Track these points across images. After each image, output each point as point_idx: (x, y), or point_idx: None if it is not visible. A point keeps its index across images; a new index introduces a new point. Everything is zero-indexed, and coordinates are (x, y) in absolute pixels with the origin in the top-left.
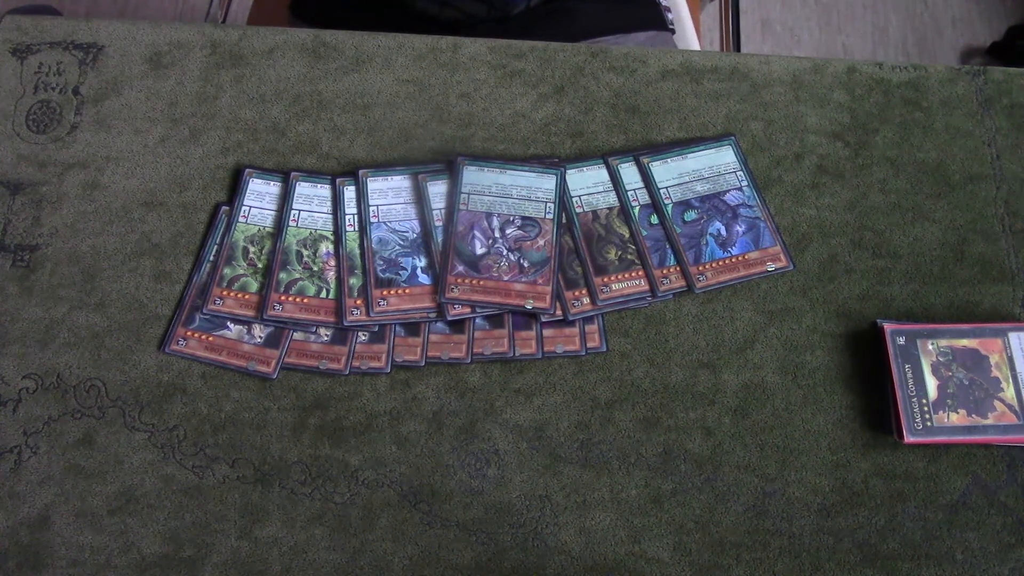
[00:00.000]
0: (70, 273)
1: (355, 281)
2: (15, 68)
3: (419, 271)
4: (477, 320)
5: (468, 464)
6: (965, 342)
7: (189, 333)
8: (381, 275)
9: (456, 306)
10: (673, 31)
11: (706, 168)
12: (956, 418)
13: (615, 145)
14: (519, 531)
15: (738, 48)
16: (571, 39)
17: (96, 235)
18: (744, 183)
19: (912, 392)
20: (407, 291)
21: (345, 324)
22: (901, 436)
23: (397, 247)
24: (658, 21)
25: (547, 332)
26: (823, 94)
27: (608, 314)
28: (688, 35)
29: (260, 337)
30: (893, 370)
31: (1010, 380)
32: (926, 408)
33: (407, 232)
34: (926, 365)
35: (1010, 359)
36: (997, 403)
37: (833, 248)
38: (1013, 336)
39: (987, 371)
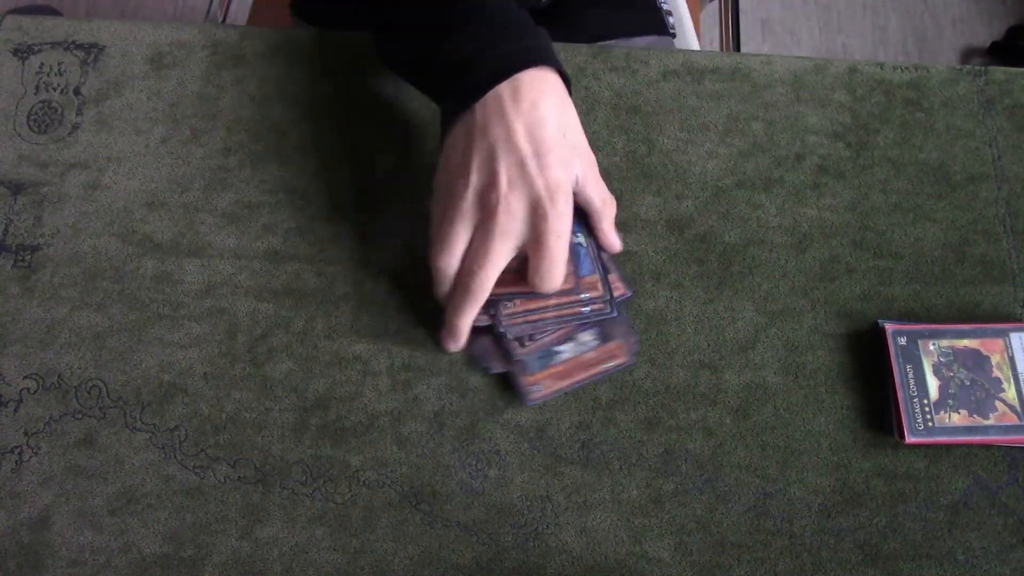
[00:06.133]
0: (71, 273)
1: None
2: (16, 68)
3: None
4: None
5: (469, 464)
6: (966, 342)
7: None
8: None
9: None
10: (674, 35)
11: None
12: (957, 418)
13: (616, 145)
14: (520, 531)
15: (738, 48)
16: None
17: (97, 235)
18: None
19: (913, 392)
20: None
21: None
22: (902, 436)
23: None
24: (660, 26)
25: None
26: (824, 94)
27: None
28: (688, 35)
29: None
30: (894, 370)
31: (1011, 380)
32: (927, 408)
33: None
34: (927, 365)
35: (1011, 359)
36: (998, 403)
37: (834, 248)
38: (1014, 336)
39: (988, 371)
